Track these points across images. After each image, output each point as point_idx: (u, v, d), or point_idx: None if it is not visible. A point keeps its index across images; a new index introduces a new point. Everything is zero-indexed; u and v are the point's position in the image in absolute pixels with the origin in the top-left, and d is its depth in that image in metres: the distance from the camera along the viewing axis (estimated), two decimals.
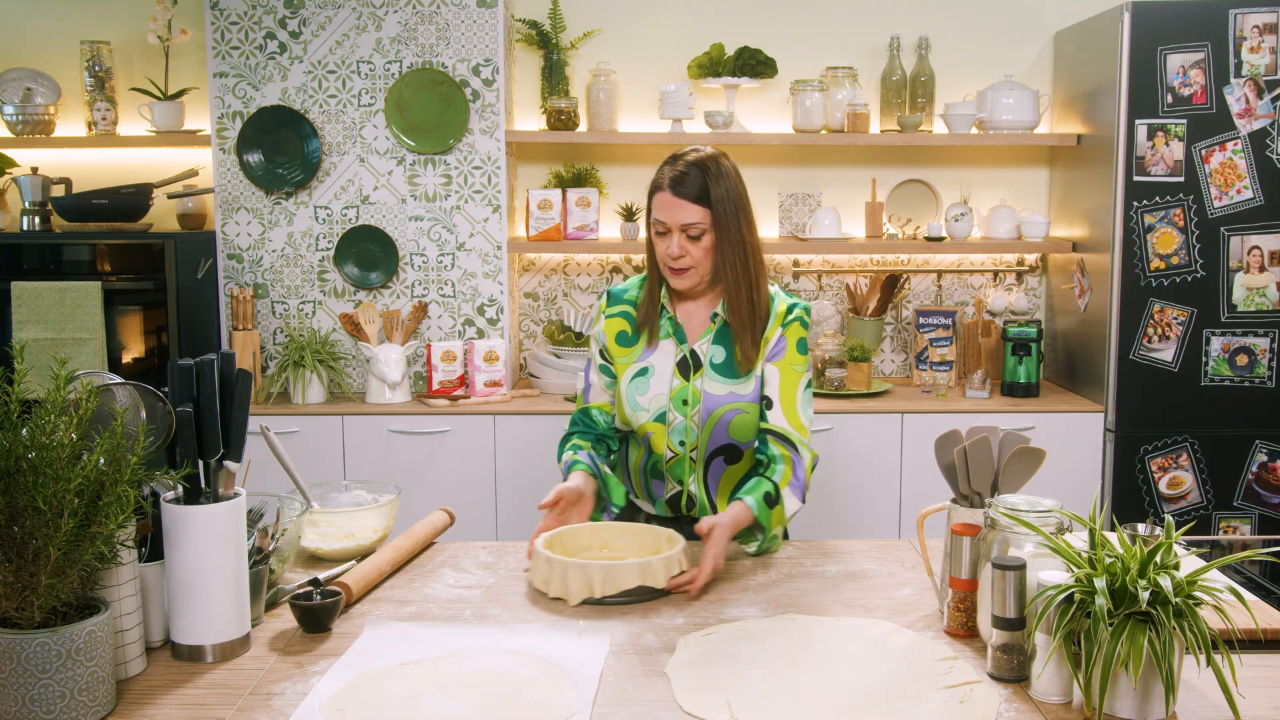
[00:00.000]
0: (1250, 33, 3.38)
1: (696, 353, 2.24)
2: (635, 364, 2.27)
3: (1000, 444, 1.80)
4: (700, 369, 2.23)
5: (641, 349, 2.28)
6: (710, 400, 2.20)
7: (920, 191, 4.06)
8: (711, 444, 2.22)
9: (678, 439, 2.22)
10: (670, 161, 2.20)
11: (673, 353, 2.25)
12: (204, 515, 1.60)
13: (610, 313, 2.34)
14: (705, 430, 2.21)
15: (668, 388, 2.23)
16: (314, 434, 3.56)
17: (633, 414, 2.24)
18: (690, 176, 2.16)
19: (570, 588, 1.85)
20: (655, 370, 2.25)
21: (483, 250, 3.78)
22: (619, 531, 2.07)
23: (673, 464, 2.24)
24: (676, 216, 2.16)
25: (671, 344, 2.26)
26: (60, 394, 1.43)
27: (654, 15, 4.01)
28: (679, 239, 2.17)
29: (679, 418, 2.21)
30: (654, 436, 2.24)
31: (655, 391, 2.23)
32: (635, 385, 2.25)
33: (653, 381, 2.24)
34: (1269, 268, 3.45)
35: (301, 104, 3.71)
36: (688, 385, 2.22)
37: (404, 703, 1.48)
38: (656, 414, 2.22)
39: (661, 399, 2.22)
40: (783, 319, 2.24)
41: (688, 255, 2.18)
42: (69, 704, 1.40)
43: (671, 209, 2.16)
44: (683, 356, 2.24)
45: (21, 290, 3.55)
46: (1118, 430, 3.53)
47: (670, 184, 2.17)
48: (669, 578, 1.89)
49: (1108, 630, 1.38)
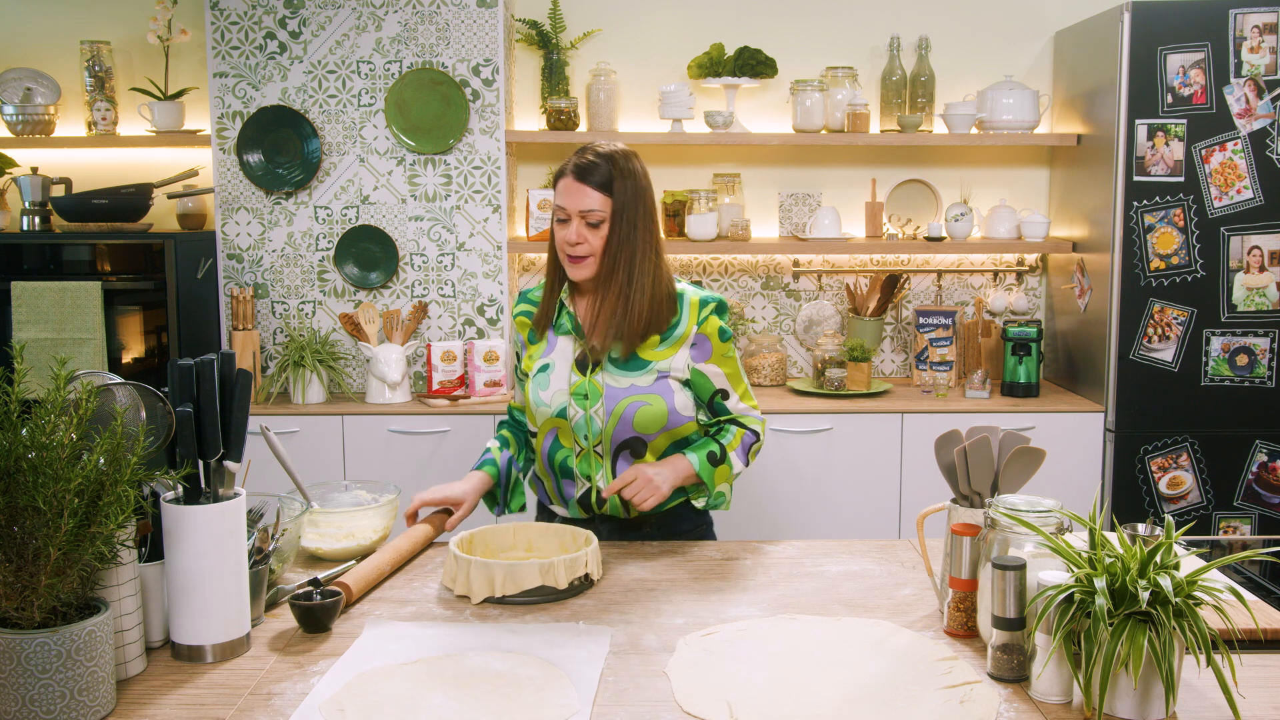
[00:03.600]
0: (1250, 33, 3.38)
1: (595, 348, 2.25)
2: (539, 360, 2.30)
3: (1000, 444, 1.80)
4: (600, 365, 2.24)
5: (544, 346, 2.31)
6: (612, 393, 2.22)
7: (920, 191, 4.06)
8: (616, 437, 2.23)
9: (581, 433, 2.24)
10: (579, 152, 2.23)
11: (572, 350, 2.27)
12: (204, 515, 1.60)
13: (517, 312, 2.40)
14: (610, 423, 2.22)
15: (567, 383, 2.25)
16: (314, 434, 3.56)
17: (536, 409, 2.27)
18: (597, 165, 2.19)
19: (473, 586, 1.86)
20: (555, 366, 2.27)
21: (483, 250, 3.78)
22: (543, 532, 2.08)
23: (580, 459, 2.26)
24: (577, 202, 2.18)
25: (570, 340, 2.28)
26: (60, 394, 1.43)
27: (654, 15, 4.01)
28: (577, 225, 2.19)
29: (579, 412, 2.23)
30: (559, 432, 2.26)
31: (555, 388, 2.25)
32: (537, 381, 2.28)
33: (553, 378, 2.26)
34: (1269, 268, 3.45)
35: (301, 104, 3.71)
36: (585, 380, 2.24)
37: (404, 703, 1.48)
38: (558, 409, 2.24)
39: (562, 395, 2.24)
40: (697, 316, 2.25)
41: (585, 243, 2.19)
42: (69, 704, 1.40)
43: (573, 195, 2.19)
44: (581, 352, 2.26)
45: (21, 290, 3.55)
46: (1118, 430, 3.53)
47: (575, 170, 2.20)
48: (571, 578, 1.89)
49: (1108, 630, 1.38)
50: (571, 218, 2.20)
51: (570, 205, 2.19)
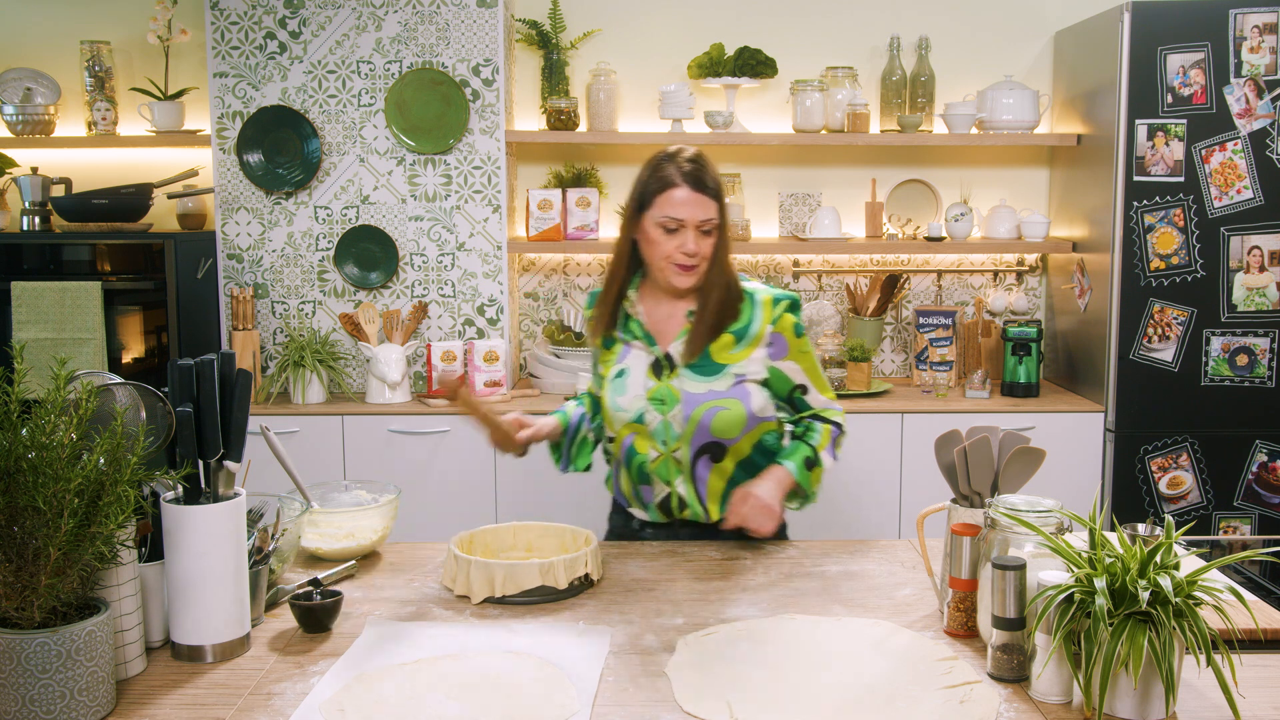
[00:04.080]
0: (1250, 33, 3.38)
1: (671, 354, 2.23)
2: (615, 365, 2.28)
3: (1000, 444, 1.80)
4: (675, 370, 2.22)
5: (618, 351, 2.29)
6: (690, 399, 2.20)
7: (920, 191, 4.06)
8: (696, 442, 2.21)
9: (660, 439, 2.22)
10: (670, 158, 2.20)
11: (645, 356, 2.25)
12: (204, 515, 1.60)
13: (589, 315, 2.39)
14: (688, 429, 2.20)
15: (644, 388, 2.23)
16: (314, 434, 3.56)
17: (614, 414, 2.25)
18: (706, 172, 2.18)
19: (473, 586, 1.86)
20: (631, 372, 2.25)
21: (483, 250, 3.78)
22: (543, 532, 2.08)
23: (658, 465, 2.24)
24: (696, 213, 2.16)
25: (642, 345, 2.26)
26: (60, 394, 1.43)
27: (654, 15, 4.01)
28: (695, 236, 2.16)
29: (657, 417, 2.21)
30: (636, 438, 2.24)
31: (633, 393, 2.23)
32: (615, 387, 2.26)
33: (629, 383, 2.24)
34: (1269, 268, 3.45)
35: (301, 104, 3.71)
36: (663, 385, 2.21)
37: (404, 703, 1.48)
38: (635, 415, 2.22)
39: (639, 400, 2.22)
40: (770, 315, 2.24)
41: (700, 251, 2.17)
42: (69, 704, 1.40)
43: (691, 205, 2.15)
44: (655, 359, 2.24)
45: (21, 290, 3.55)
46: (1118, 430, 3.53)
47: (690, 180, 2.16)
48: (571, 578, 1.89)
49: (1108, 630, 1.38)
50: (687, 226, 2.16)
51: (689, 216, 2.16)
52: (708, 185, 2.17)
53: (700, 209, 2.16)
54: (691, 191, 2.16)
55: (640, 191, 2.22)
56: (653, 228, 2.19)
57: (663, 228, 2.17)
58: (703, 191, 2.16)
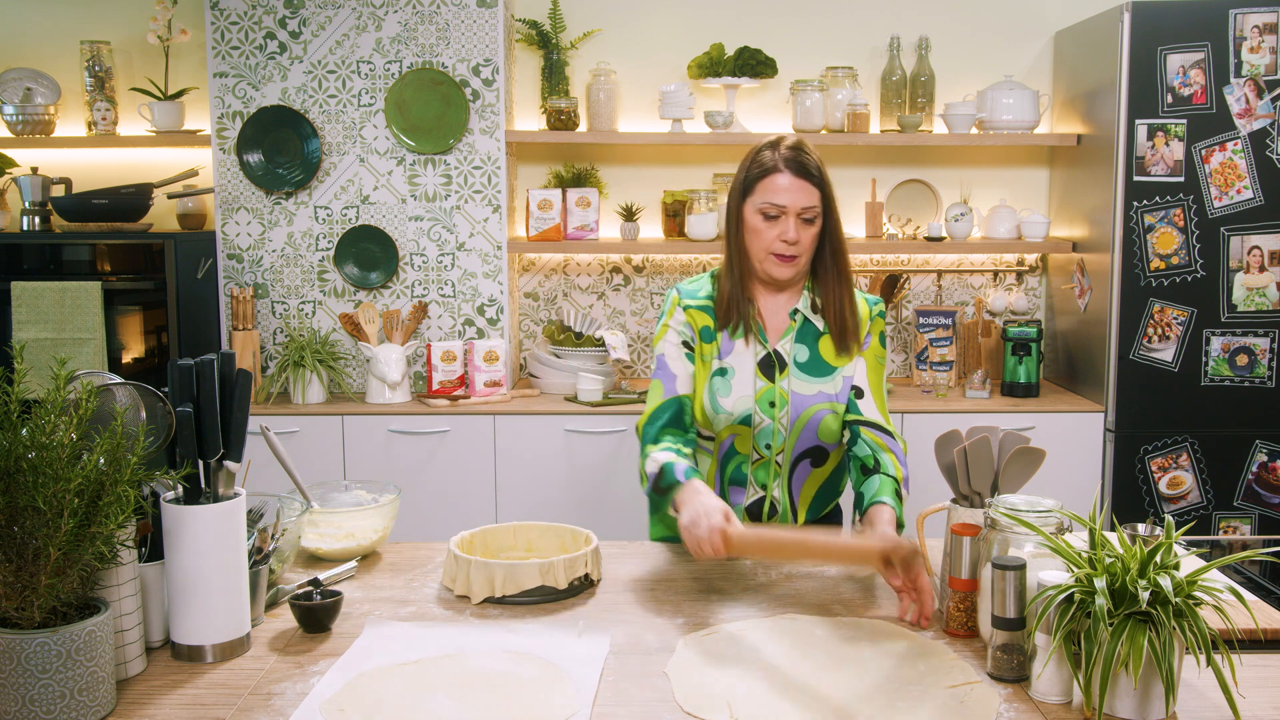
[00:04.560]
0: (1250, 33, 3.38)
1: (780, 352, 2.16)
2: (715, 363, 2.17)
3: (1000, 444, 1.80)
4: (785, 369, 2.15)
5: (719, 347, 2.18)
6: (799, 401, 2.13)
7: (920, 191, 4.06)
8: (799, 446, 2.16)
9: (764, 442, 2.15)
10: (772, 146, 2.14)
11: (753, 352, 2.16)
12: (204, 515, 1.60)
13: (689, 304, 2.20)
14: (794, 432, 2.13)
15: (752, 389, 2.14)
16: (314, 434, 3.56)
17: (714, 416, 2.15)
18: (808, 158, 2.12)
19: (473, 586, 1.86)
20: (736, 371, 2.15)
21: (483, 250, 3.78)
22: (543, 532, 2.07)
23: (758, 467, 2.17)
24: (797, 199, 2.09)
25: (753, 342, 2.17)
26: (60, 394, 1.43)
27: (654, 15, 4.01)
28: (796, 224, 2.10)
29: (766, 420, 2.13)
30: (738, 439, 2.16)
31: (739, 394, 2.14)
32: (715, 386, 2.15)
33: (734, 383, 2.14)
34: (1269, 268, 3.45)
35: (301, 104, 3.71)
36: (774, 386, 2.14)
37: (404, 703, 1.48)
38: (741, 416, 2.13)
39: (746, 401, 2.13)
40: (868, 319, 2.22)
41: (801, 240, 2.11)
42: (69, 704, 1.40)
43: (793, 191, 2.09)
44: (765, 355, 2.16)
45: (21, 290, 3.55)
46: (1118, 430, 3.53)
47: (789, 164, 2.10)
48: (571, 578, 1.88)
49: (1108, 630, 1.38)
50: (788, 213, 2.10)
51: (791, 203, 2.09)
52: (810, 171, 2.11)
53: (802, 195, 2.10)
54: (793, 177, 2.10)
55: (742, 179, 2.16)
56: (753, 215, 2.13)
57: (763, 214, 2.11)
58: (805, 178, 2.10)
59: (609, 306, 4.09)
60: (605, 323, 4.08)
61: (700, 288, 2.24)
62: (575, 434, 3.55)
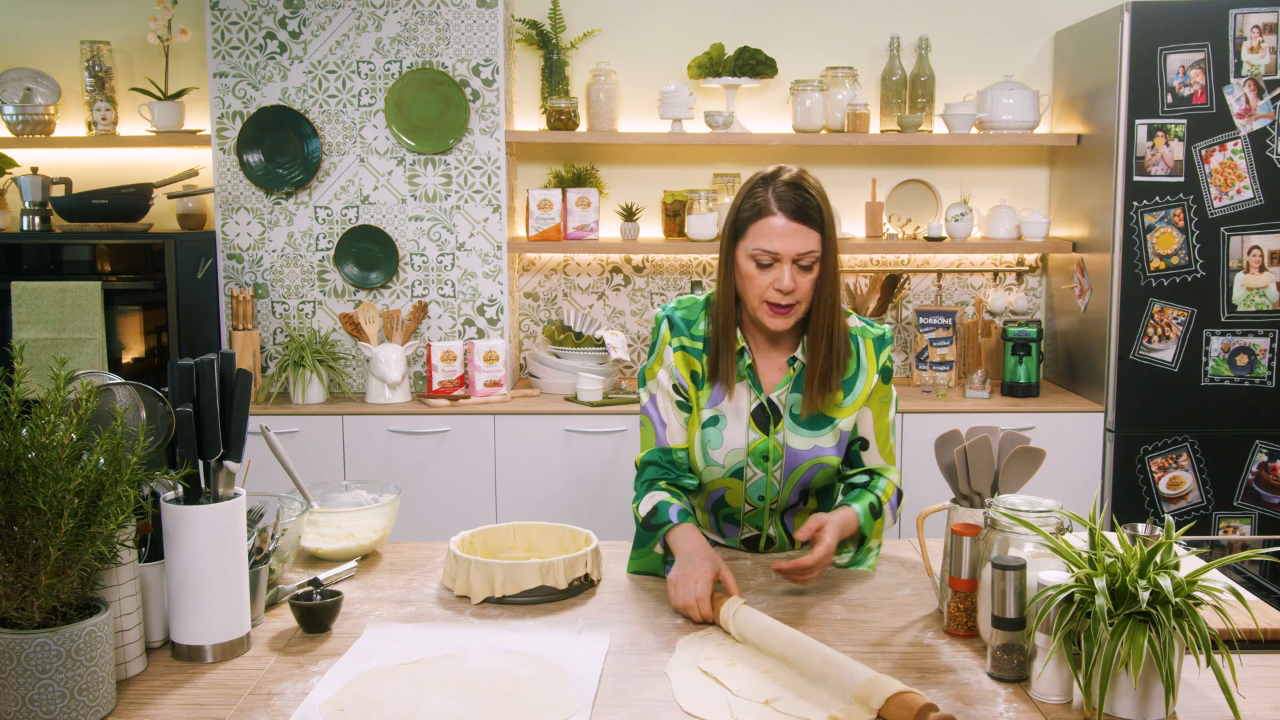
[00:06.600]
0: (1250, 33, 3.38)
1: (774, 402, 2.03)
2: (705, 411, 2.04)
3: (1000, 444, 1.80)
4: (780, 421, 2.02)
5: (710, 393, 2.04)
6: (794, 456, 2.02)
7: (920, 191, 4.06)
8: (793, 497, 2.07)
9: (757, 494, 2.05)
10: (766, 181, 1.96)
11: (747, 401, 2.02)
12: (204, 515, 1.60)
13: (677, 345, 2.06)
14: (787, 486, 2.04)
15: (744, 441, 2.02)
16: (314, 434, 3.56)
17: (704, 468, 2.04)
18: (808, 198, 1.93)
19: (473, 586, 1.86)
20: (727, 420, 2.03)
21: (483, 250, 3.78)
22: (543, 532, 2.07)
23: (750, 515, 2.09)
24: (792, 245, 1.91)
25: (746, 391, 2.03)
26: (60, 394, 1.43)
27: (654, 15, 4.01)
28: (791, 271, 1.92)
29: (759, 473, 2.03)
30: (729, 492, 2.06)
31: (731, 445, 2.02)
32: (706, 436, 2.03)
33: (726, 434, 2.02)
34: (1269, 268, 3.45)
35: (301, 104, 3.71)
36: (768, 440, 2.01)
37: (404, 703, 1.48)
38: (732, 469, 2.03)
39: (739, 453, 2.02)
40: (876, 361, 2.05)
41: (797, 289, 1.93)
42: (69, 704, 1.40)
43: (788, 237, 1.91)
44: (759, 405, 2.02)
45: (21, 290, 3.55)
46: (1118, 430, 3.53)
47: (785, 206, 1.92)
48: (571, 578, 1.88)
49: (1108, 630, 1.38)
50: (783, 261, 1.91)
51: (785, 249, 1.91)
52: (809, 213, 1.92)
53: (798, 240, 1.91)
54: (789, 220, 1.91)
55: (734, 218, 1.98)
56: (745, 260, 1.95)
57: (755, 261, 1.94)
58: (803, 221, 1.91)
59: (609, 306, 4.09)
60: (605, 323, 4.08)
61: (693, 319, 2.08)
62: (575, 434, 3.56)
